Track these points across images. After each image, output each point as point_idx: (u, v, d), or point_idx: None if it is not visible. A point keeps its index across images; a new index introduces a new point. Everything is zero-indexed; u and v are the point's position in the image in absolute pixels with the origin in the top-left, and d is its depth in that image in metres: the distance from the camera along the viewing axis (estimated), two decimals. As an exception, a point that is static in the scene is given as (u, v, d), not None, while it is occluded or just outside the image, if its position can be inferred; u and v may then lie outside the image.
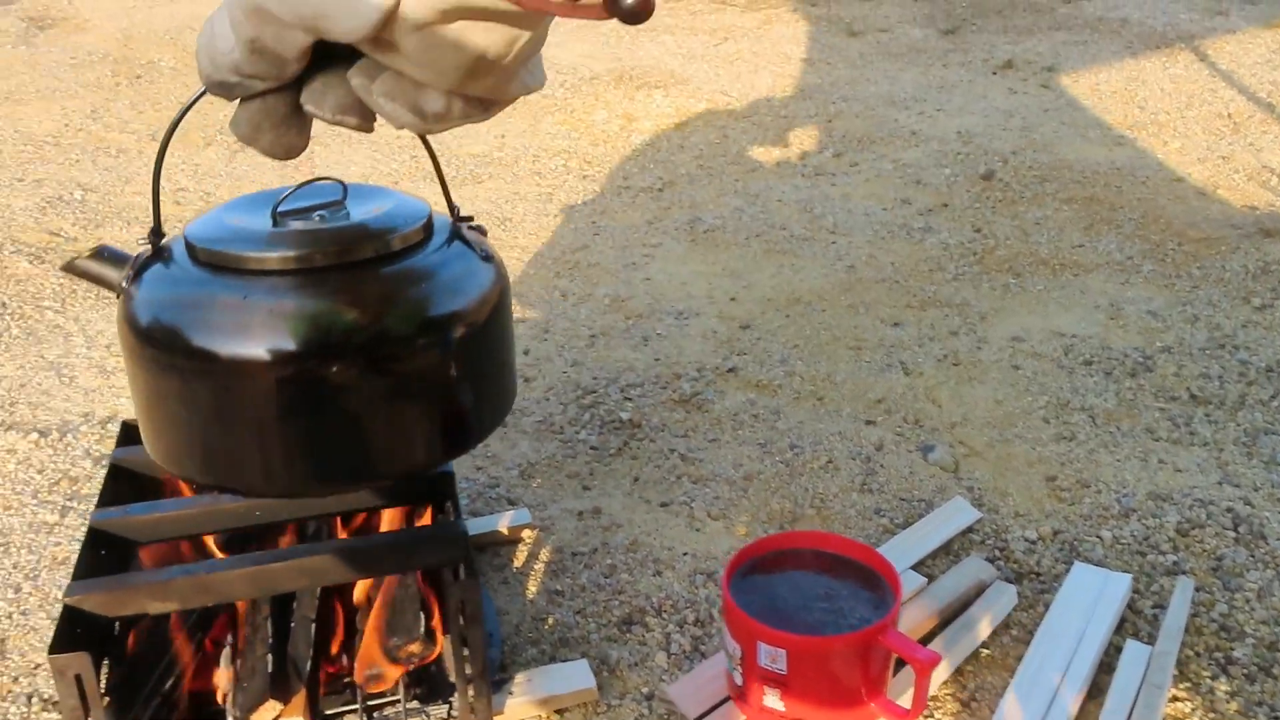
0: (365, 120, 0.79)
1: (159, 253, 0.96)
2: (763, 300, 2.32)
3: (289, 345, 0.88)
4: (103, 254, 0.97)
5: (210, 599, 1.07)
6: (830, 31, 4.68)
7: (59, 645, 0.98)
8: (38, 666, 1.27)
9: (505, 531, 1.51)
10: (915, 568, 1.46)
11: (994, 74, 4.01)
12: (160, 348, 0.91)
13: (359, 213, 0.98)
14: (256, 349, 0.88)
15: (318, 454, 0.93)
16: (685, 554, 1.51)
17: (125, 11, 4.85)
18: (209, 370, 0.89)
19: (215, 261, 0.92)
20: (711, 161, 3.18)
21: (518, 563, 1.49)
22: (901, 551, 1.48)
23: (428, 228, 0.99)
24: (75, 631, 1.00)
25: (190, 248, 0.94)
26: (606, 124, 3.50)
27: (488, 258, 1.02)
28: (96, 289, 2.28)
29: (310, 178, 1.00)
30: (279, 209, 0.95)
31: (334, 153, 3.18)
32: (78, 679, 0.98)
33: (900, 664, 1.20)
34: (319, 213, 0.97)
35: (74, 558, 1.41)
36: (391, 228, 0.95)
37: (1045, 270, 2.43)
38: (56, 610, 1.34)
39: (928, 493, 1.66)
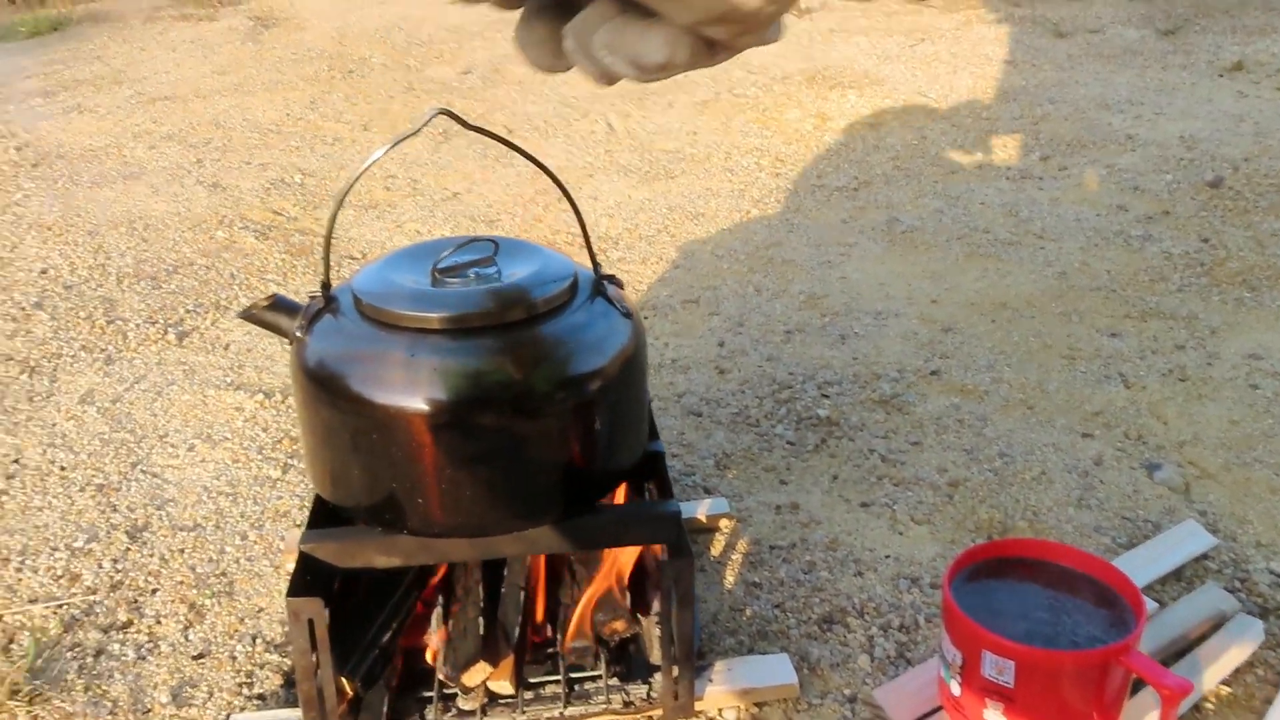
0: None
1: (329, 304, 1.07)
2: (966, 304, 2.21)
3: (447, 399, 0.98)
4: (278, 304, 1.09)
5: (432, 558, 1.10)
6: (1035, 33, 4.45)
7: (295, 590, 1.02)
8: (261, 610, 1.34)
9: (703, 519, 1.49)
10: (1143, 592, 1.35)
11: (1220, 76, 3.71)
12: (330, 394, 1.01)
13: (510, 272, 1.07)
14: (419, 402, 0.97)
15: (465, 498, 1.01)
16: (887, 556, 1.45)
17: (340, 13, 5.16)
18: (375, 418, 0.99)
19: (381, 318, 1.02)
20: (909, 163, 3.08)
21: (715, 551, 1.46)
22: (1127, 573, 1.37)
23: (572, 288, 1.07)
24: (308, 578, 1.04)
25: (357, 302, 1.04)
26: (799, 123, 3.45)
27: (626, 314, 1.10)
28: (309, 260, 2.42)
29: (467, 238, 1.09)
30: (437, 268, 1.05)
31: (531, 144, 3.26)
32: (310, 623, 1.02)
33: (1135, 689, 1.10)
34: (474, 270, 1.06)
35: (294, 512, 1.50)
36: (539, 289, 1.04)
37: (1288, 285, 2.22)
38: (278, 559, 1.42)
39: (1154, 513, 1.53)
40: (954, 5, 4.99)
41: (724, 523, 1.51)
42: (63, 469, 1.62)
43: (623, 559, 1.22)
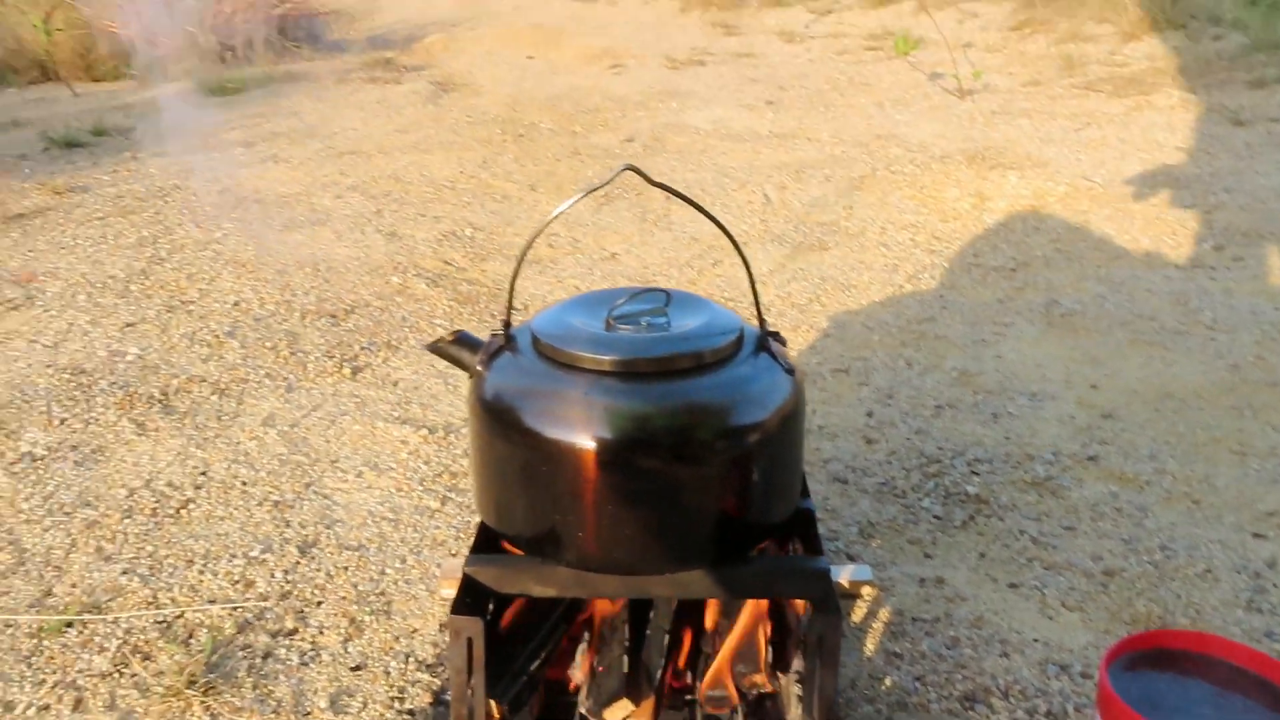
0: None
1: (509, 342, 1.13)
2: (1128, 391, 2.13)
3: (613, 438, 1.01)
4: (461, 339, 1.17)
5: (585, 592, 1.13)
6: (1212, 120, 4.30)
7: (458, 609, 1.08)
8: (415, 631, 1.41)
9: (846, 584, 1.48)
10: (1323, 707, 1.25)
11: None
12: (504, 426, 1.08)
13: (680, 323, 1.11)
14: (586, 439, 1.01)
15: (621, 536, 1.05)
16: (1036, 640, 1.40)
17: (514, 80, 5.46)
18: (544, 451, 1.04)
19: (557, 358, 1.07)
20: (1070, 246, 3.01)
21: (856, 618, 1.45)
22: (1305, 685, 1.28)
23: (738, 341, 1.11)
24: (469, 600, 1.09)
25: (536, 341, 1.10)
26: (957, 201, 3.42)
27: (789, 370, 1.12)
28: (474, 308, 2.55)
29: (641, 288, 1.16)
30: (611, 315, 1.11)
31: (688, 210, 3.35)
32: (469, 642, 1.07)
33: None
34: (646, 319, 1.12)
35: (450, 541, 1.57)
36: (707, 341, 1.08)
37: None
38: (433, 584, 1.49)
39: (1336, 626, 1.43)
40: (1123, 91, 4.88)
41: (866, 590, 1.49)
42: (244, 484, 1.75)
43: (766, 614, 1.23)
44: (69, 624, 1.39)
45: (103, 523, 1.63)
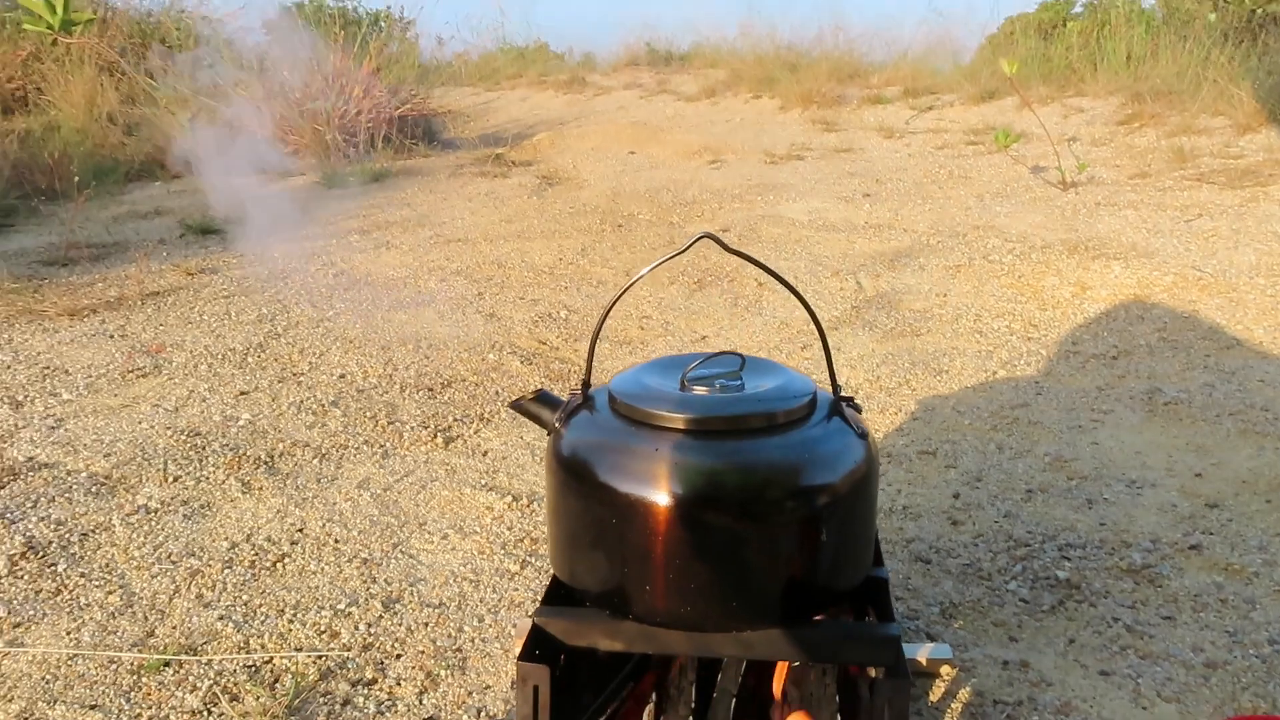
0: None
1: (586, 401, 1.18)
2: (1236, 481, 2.04)
3: (683, 494, 1.04)
4: (542, 398, 1.21)
5: (651, 647, 1.14)
6: (1333, 211, 4.15)
7: (526, 655, 1.10)
8: (488, 687, 1.43)
9: (923, 662, 1.44)
10: None
11: None
12: (578, 481, 1.11)
13: (753, 385, 1.14)
14: (657, 493, 1.04)
15: (689, 591, 1.06)
16: (1129, 733, 1.33)
17: (615, 175, 5.65)
18: (615, 505, 1.06)
19: (632, 416, 1.11)
20: (1177, 334, 2.92)
21: (933, 697, 1.41)
22: None
23: (811, 404, 1.13)
24: (537, 650, 1.11)
25: (612, 400, 1.14)
26: (1056, 290, 3.37)
27: (862, 434, 1.13)
28: (565, 385, 2.62)
29: (716, 352, 1.18)
30: (686, 377, 1.14)
31: (779, 296, 3.38)
32: (535, 690, 1.08)
33: None
34: (720, 381, 1.14)
35: (528, 604, 1.59)
36: (780, 402, 1.10)
37: None
38: (508, 644, 1.51)
39: None
40: (1237, 182, 4.75)
41: (945, 669, 1.45)
42: (336, 542, 1.82)
43: (835, 685, 1.21)
44: (166, 663, 1.46)
45: (205, 572, 1.71)
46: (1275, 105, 5.69)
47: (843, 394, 1.21)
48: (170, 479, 2.05)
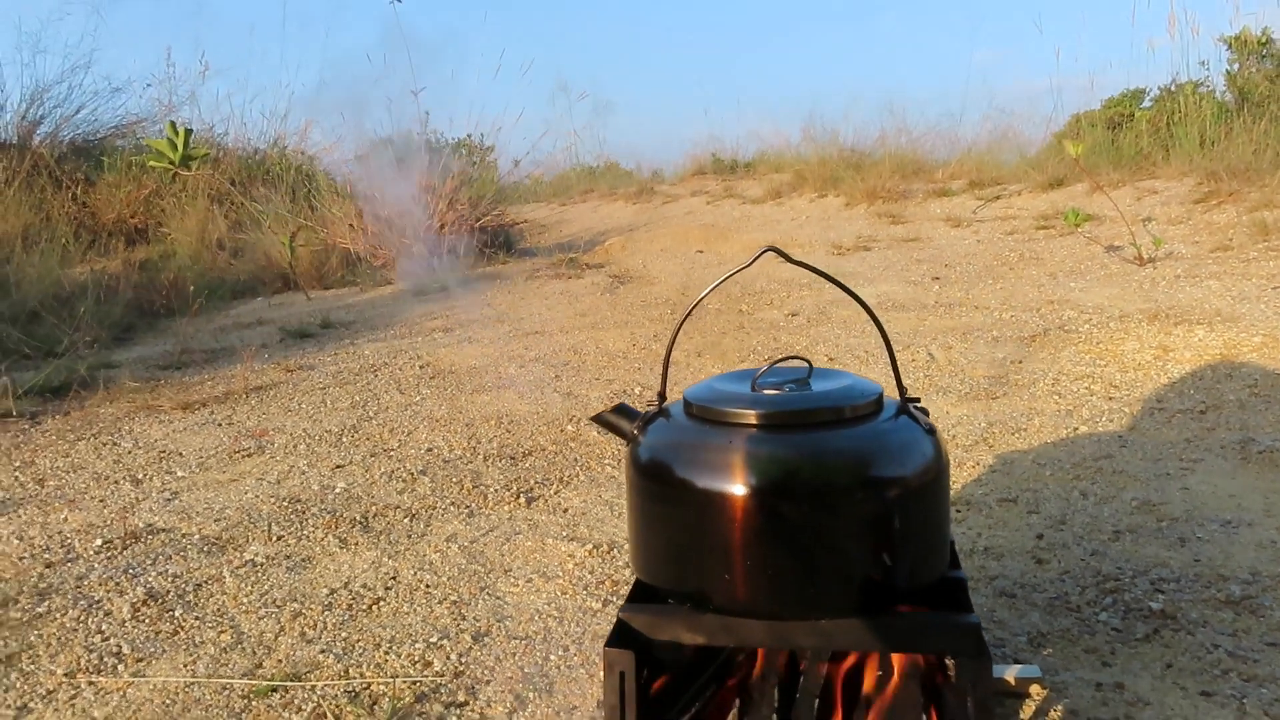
0: None
1: (662, 410, 1.26)
2: (1339, 519, 1.98)
3: (756, 484, 1.10)
4: (621, 409, 1.29)
5: (732, 640, 1.17)
6: None
7: (612, 642, 1.14)
8: (575, 708, 1.45)
9: (1011, 681, 1.43)
10: None
11: None
12: (655, 481, 1.18)
13: (820, 387, 1.21)
14: (733, 484, 1.09)
15: (765, 579, 1.10)
16: (1233, 746, 1.29)
17: (684, 271, 5.81)
18: (691, 499, 1.12)
19: (706, 416, 1.19)
20: (1269, 390, 2.86)
21: (1024, 716, 1.38)
22: None
23: (878, 402, 1.19)
24: (623, 638, 1.15)
25: (687, 405, 1.22)
26: (1137, 354, 3.33)
27: (930, 431, 1.18)
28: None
29: (785, 356, 1.27)
30: (757, 380, 1.22)
31: (851, 369, 3.41)
32: (621, 676, 1.12)
33: None
34: (788, 385, 1.21)
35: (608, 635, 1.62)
36: (847, 399, 1.17)
37: None
38: (593, 669, 1.54)
39: None
40: (1323, 250, 4.67)
41: (1035, 689, 1.43)
42: (427, 587, 1.89)
43: (921, 686, 1.21)
44: (274, 689, 1.53)
45: (306, 614, 1.79)
46: (1359, 176, 5.60)
47: (909, 397, 1.25)
48: (274, 538, 2.16)
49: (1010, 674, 1.44)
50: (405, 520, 2.24)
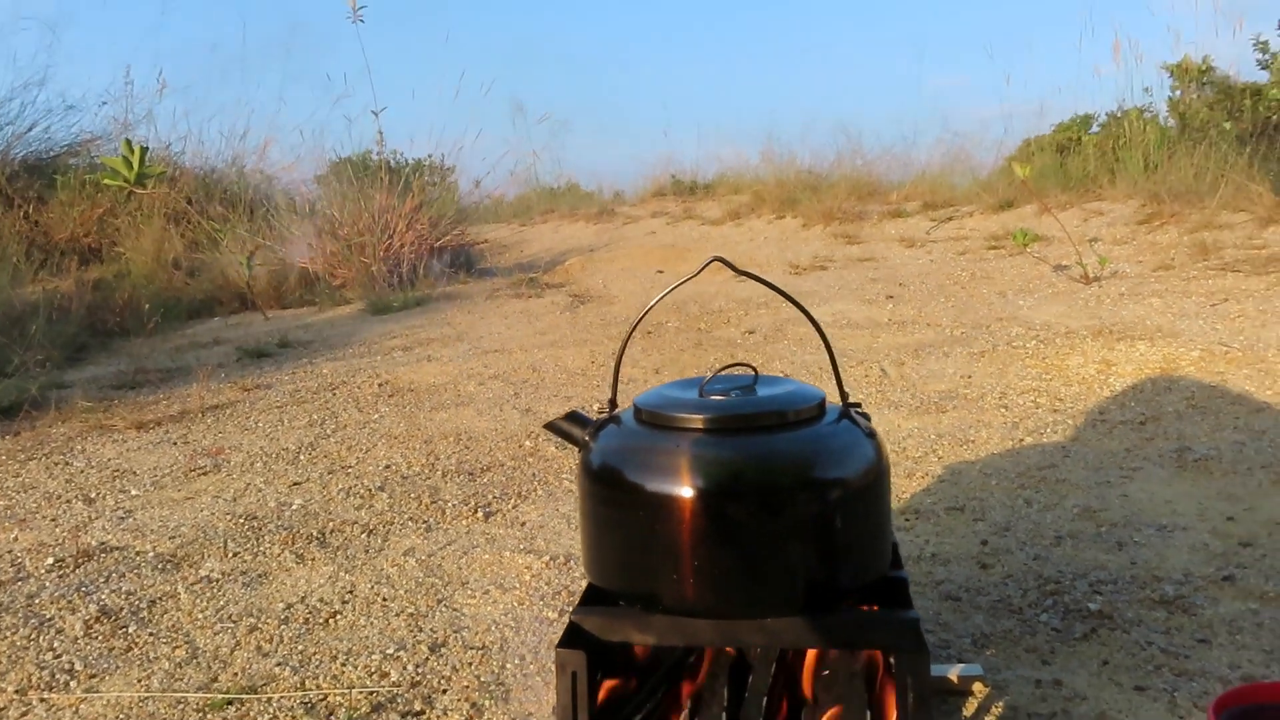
0: None
1: (613, 417, 1.30)
2: (1270, 523, 2.06)
3: (703, 486, 1.14)
4: (573, 417, 1.33)
5: (681, 640, 1.20)
6: (1359, 289, 4.21)
7: (564, 643, 1.16)
8: (530, 714, 1.48)
9: (954, 679, 1.47)
10: None
11: None
12: (606, 485, 1.22)
13: (765, 393, 1.25)
14: (681, 486, 1.13)
15: (713, 578, 1.13)
16: (1164, 737, 1.34)
17: (644, 290, 5.86)
18: (640, 501, 1.16)
19: (655, 421, 1.23)
20: (1205, 402, 2.96)
21: (966, 712, 1.43)
22: None
23: (821, 406, 1.24)
24: (574, 639, 1.18)
25: (637, 411, 1.27)
26: (1081, 368, 3.43)
27: (870, 434, 1.23)
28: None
29: (731, 363, 1.30)
30: (704, 387, 1.26)
31: (808, 386, 3.47)
32: (573, 676, 1.15)
33: None
34: (734, 391, 1.26)
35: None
36: (790, 403, 1.21)
37: None
38: (549, 677, 1.56)
39: None
40: (1264, 269, 4.83)
41: (977, 688, 1.48)
42: (384, 600, 1.90)
43: (864, 686, 1.25)
44: (229, 702, 1.53)
45: (263, 628, 1.79)
46: (1296, 198, 5.80)
47: (850, 402, 1.30)
48: (230, 554, 2.15)
49: (954, 673, 1.48)
50: (363, 535, 2.25)
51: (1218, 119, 7.26)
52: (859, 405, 1.30)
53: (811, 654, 1.31)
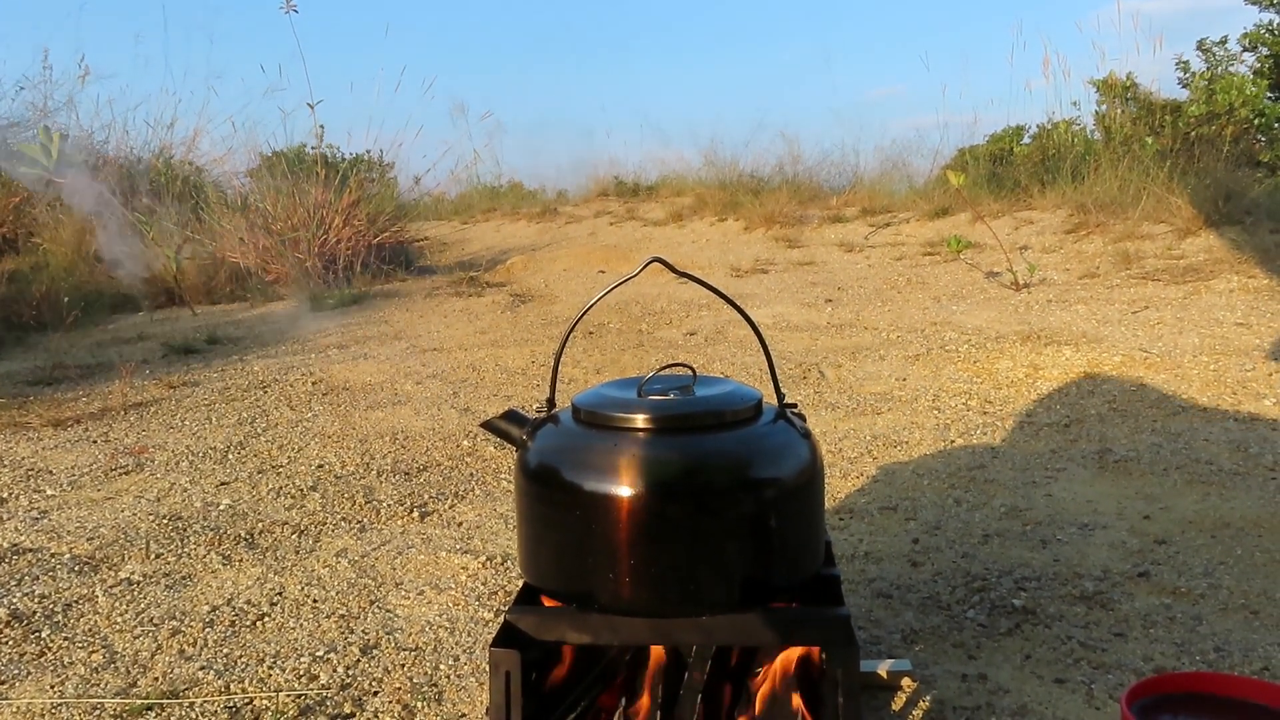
0: None
1: (551, 416, 1.29)
2: (1182, 521, 2.13)
3: (641, 486, 1.14)
4: (510, 416, 1.32)
5: (617, 639, 1.20)
6: (1273, 297, 4.38)
7: (498, 643, 1.16)
8: (463, 715, 1.46)
9: (884, 675, 1.50)
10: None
11: None
12: (543, 484, 1.22)
13: (703, 393, 1.26)
14: (617, 486, 1.13)
15: (649, 577, 1.14)
16: (1083, 729, 1.38)
17: (587, 291, 5.85)
18: (576, 500, 1.16)
19: (593, 420, 1.23)
20: (1126, 405, 3.05)
21: (895, 707, 1.45)
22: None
23: (758, 407, 1.25)
24: (508, 638, 1.17)
25: (575, 411, 1.27)
26: (1010, 372, 3.51)
27: (805, 435, 1.25)
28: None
29: (670, 364, 1.31)
30: (643, 387, 1.27)
31: (745, 387, 3.50)
32: (507, 676, 1.14)
33: None
34: (673, 391, 1.26)
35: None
36: (728, 404, 1.22)
37: None
38: (483, 678, 1.55)
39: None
40: (1181, 279, 5.00)
41: (906, 682, 1.50)
42: (315, 601, 1.87)
43: (796, 682, 1.27)
44: (149, 707, 1.49)
45: (186, 631, 1.75)
46: (1212, 211, 6.02)
47: (786, 402, 1.31)
48: (153, 556, 2.09)
49: (883, 668, 1.51)
50: (293, 536, 2.20)
51: (1140, 134, 7.51)
52: (795, 406, 1.32)
53: (749, 651, 1.32)
